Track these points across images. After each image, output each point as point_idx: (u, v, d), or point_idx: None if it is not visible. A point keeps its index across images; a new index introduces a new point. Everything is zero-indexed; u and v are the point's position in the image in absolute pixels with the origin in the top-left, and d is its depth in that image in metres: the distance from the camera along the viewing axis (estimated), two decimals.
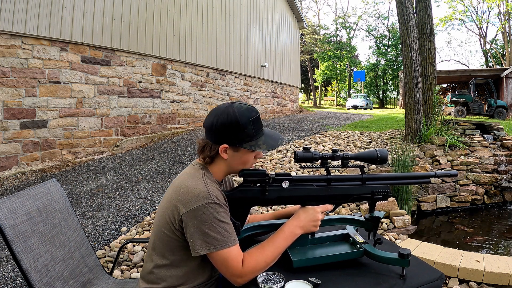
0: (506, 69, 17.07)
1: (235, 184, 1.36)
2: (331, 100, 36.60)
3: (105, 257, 2.36)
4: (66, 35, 5.14)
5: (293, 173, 3.86)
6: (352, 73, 32.34)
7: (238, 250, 1.04)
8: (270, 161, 4.47)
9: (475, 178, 4.61)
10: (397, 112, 16.45)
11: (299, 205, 1.20)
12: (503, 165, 4.82)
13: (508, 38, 24.56)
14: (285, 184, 1.13)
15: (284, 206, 2.73)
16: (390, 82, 34.71)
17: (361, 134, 6.22)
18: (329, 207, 1.19)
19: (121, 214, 3.04)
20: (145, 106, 6.57)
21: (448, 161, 4.67)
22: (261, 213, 3.04)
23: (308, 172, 3.91)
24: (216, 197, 1.04)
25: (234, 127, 1.08)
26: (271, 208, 3.17)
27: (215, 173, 1.15)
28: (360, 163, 1.25)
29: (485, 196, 4.63)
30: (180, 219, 1.04)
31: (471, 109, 14.87)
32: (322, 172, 3.82)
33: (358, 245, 1.18)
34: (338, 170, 3.86)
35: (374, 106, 30.30)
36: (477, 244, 3.36)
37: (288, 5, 12.75)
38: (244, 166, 1.15)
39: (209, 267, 1.14)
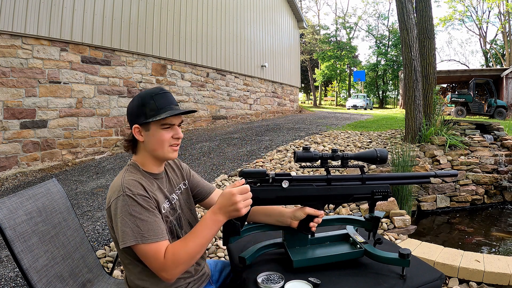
0: (506, 69, 17.07)
1: (187, 170, 1.34)
2: (331, 100, 36.60)
3: (105, 257, 2.36)
4: (66, 35, 5.14)
5: (293, 173, 3.86)
6: (352, 73, 32.34)
7: (157, 246, 0.98)
8: (270, 161, 4.47)
9: (475, 178, 4.61)
10: (397, 112, 16.44)
11: (299, 205, 1.20)
12: (503, 165, 4.82)
13: (508, 38, 24.56)
14: (285, 184, 1.13)
15: (284, 206, 2.73)
16: (390, 82, 34.71)
17: (361, 134, 6.22)
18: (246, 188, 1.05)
19: None
20: None
21: (448, 161, 4.67)
22: None
23: (308, 172, 3.91)
24: (128, 188, 1.01)
25: (138, 105, 1.11)
26: None
27: (144, 164, 1.15)
28: (360, 163, 1.24)
29: (485, 196, 4.63)
30: (107, 217, 1.08)
31: (471, 109, 14.87)
32: (322, 172, 3.81)
33: (358, 245, 1.18)
34: (338, 170, 3.86)
35: (374, 106, 30.30)
36: (477, 244, 3.36)
37: (288, 5, 12.75)
38: (162, 146, 1.12)
39: None
